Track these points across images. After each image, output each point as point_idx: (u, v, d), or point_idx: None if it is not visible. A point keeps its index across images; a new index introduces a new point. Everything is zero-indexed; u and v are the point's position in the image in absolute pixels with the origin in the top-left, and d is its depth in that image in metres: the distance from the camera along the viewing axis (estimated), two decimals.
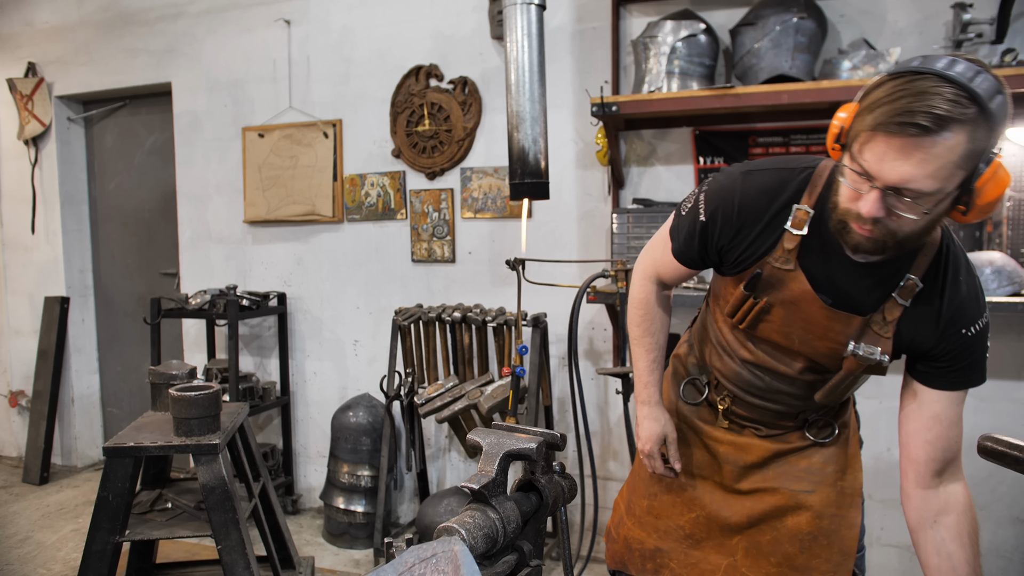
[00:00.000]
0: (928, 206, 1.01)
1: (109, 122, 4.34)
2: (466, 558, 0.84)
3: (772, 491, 1.43)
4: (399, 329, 3.20)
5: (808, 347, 1.29)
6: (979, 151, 0.99)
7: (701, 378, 1.54)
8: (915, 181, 0.98)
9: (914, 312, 1.20)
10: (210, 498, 2.03)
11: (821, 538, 1.39)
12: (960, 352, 1.20)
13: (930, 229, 1.08)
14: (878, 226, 1.06)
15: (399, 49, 3.40)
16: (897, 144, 0.97)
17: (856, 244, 1.11)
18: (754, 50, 2.55)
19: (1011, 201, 2.54)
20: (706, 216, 1.31)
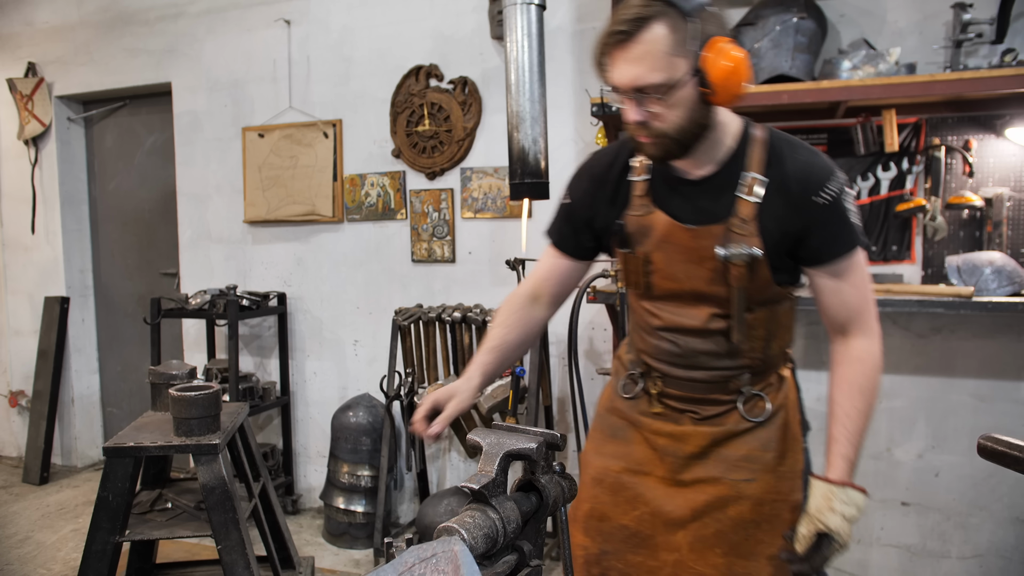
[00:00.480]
0: (664, 94, 1.16)
1: (109, 122, 4.34)
2: (466, 558, 0.84)
3: (713, 481, 1.43)
4: (399, 329, 3.20)
5: (695, 279, 1.34)
6: (685, 37, 1.13)
7: (636, 370, 1.53)
8: (642, 77, 1.15)
9: (769, 204, 1.27)
10: (210, 498, 2.03)
11: (764, 524, 1.40)
12: (823, 221, 1.26)
13: (696, 117, 1.21)
14: (648, 129, 1.21)
15: (399, 49, 3.40)
16: (617, 54, 1.16)
17: (649, 154, 1.26)
18: (754, 50, 2.55)
19: (1011, 201, 2.54)
20: (568, 197, 1.47)
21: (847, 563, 2.83)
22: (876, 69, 2.43)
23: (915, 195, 2.65)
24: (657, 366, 1.47)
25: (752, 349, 1.39)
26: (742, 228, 1.28)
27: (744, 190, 1.27)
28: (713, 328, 1.37)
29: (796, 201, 1.26)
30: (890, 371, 2.73)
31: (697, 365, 1.42)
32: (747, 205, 1.27)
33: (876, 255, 2.72)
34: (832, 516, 1.24)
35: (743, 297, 1.31)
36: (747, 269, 1.28)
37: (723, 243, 1.28)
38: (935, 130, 2.62)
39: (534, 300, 1.51)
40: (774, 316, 1.38)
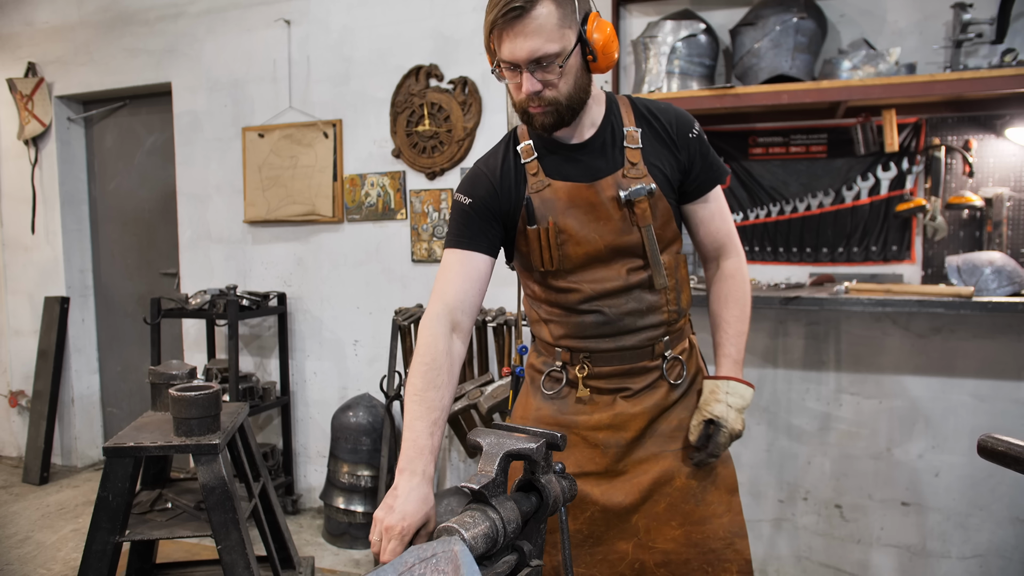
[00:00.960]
0: (560, 62, 1.29)
1: (109, 122, 4.34)
2: (466, 558, 0.84)
3: (654, 457, 1.49)
4: (399, 329, 3.20)
5: (606, 234, 1.42)
6: (569, 12, 1.29)
7: (556, 364, 1.53)
8: (540, 49, 1.27)
9: (649, 146, 1.43)
10: (210, 498, 2.03)
11: (708, 485, 1.49)
12: (700, 152, 1.45)
13: (581, 84, 1.35)
14: (542, 98, 1.32)
15: (399, 49, 3.40)
16: (512, 32, 1.27)
17: (541, 123, 1.36)
18: (754, 50, 2.55)
19: (1011, 201, 2.54)
20: (468, 198, 1.46)
21: (847, 563, 2.83)
22: (876, 69, 2.44)
23: (915, 195, 2.65)
24: (584, 345, 1.49)
25: (668, 301, 1.48)
26: (634, 172, 1.41)
27: (628, 141, 1.42)
28: (633, 282, 1.45)
29: (676, 139, 1.44)
30: (890, 371, 2.73)
31: (625, 329, 1.47)
32: (633, 152, 1.42)
33: (876, 255, 2.72)
34: (717, 405, 1.43)
35: (652, 236, 1.41)
36: (648, 205, 1.40)
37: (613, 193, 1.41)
38: (935, 130, 2.62)
39: (453, 331, 1.36)
40: (677, 264, 1.49)
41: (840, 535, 2.84)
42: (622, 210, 1.40)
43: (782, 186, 2.81)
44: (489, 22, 1.29)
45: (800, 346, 2.83)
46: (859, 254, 2.74)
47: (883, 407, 2.75)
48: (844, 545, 2.83)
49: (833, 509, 2.84)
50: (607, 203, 1.41)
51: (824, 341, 2.80)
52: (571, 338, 1.50)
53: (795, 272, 2.82)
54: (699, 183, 1.47)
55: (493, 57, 1.33)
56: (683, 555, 1.46)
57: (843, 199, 2.74)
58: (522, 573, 1.05)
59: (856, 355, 2.77)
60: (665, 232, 1.45)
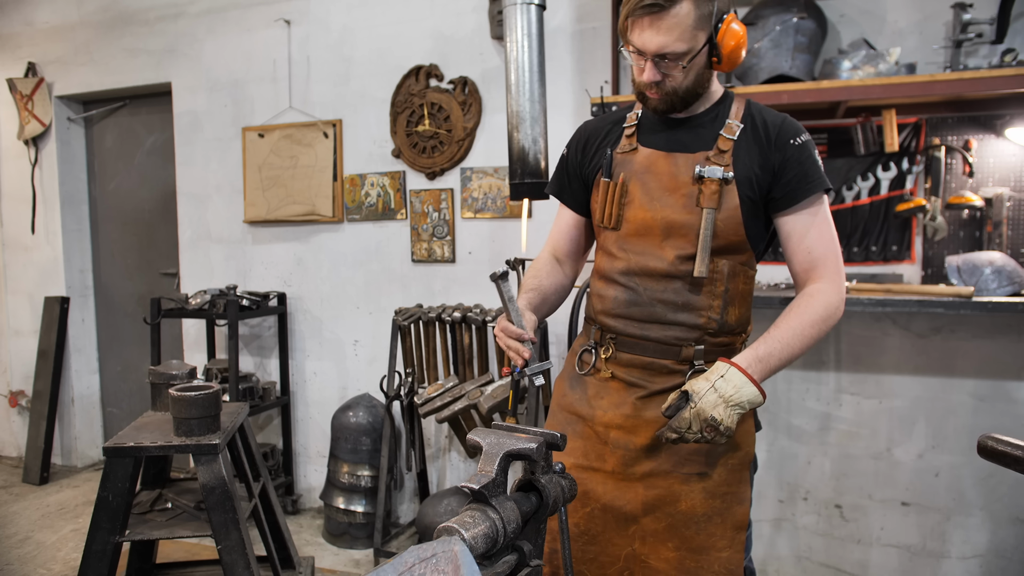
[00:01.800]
0: (686, 61, 1.33)
1: (109, 122, 4.34)
2: (466, 558, 0.84)
3: (664, 475, 1.44)
4: (399, 329, 3.20)
5: (668, 207, 1.43)
6: (707, 14, 1.32)
7: (590, 343, 1.57)
8: (669, 45, 1.31)
9: (744, 144, 1.42)
10: (210, 498, 2.03)
11: (715, 517, 1.42)
12: (797, 159, 1.40)
13: (700, 80, 1.39)
14: (660, 87, 1.38)
15: (399, 49, 3.40)
16: (647, 22, 1.31)
17: (654, 107, 1.43)
18: (754, 50, 2.55)
19: (1011, 201, 2.54)
20: (567, 149, 1.63)
21: (847, 563, 2.83)
22: (876, 69, 2.44)
23: (915, 195, 2.65)
24: (613, 324, 1.49)
25: (710, 307, 1.43)
26: (718, 158, 1.41)
27: (726, 130, 1.43)
28: (677, 272, 1.43)
29: (775, 142, 1.41)
30: (890, 371, 2.73)
31: (654, 317, 1.45)
32: (725, 140, 1.42)
33: (876, 255, 2.72)
34: (699, 382, 1.31)
35: (711, 220, 1.39)
36: (718, 190, 1.39)
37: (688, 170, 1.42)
38: (935, 130, 2.62)
39: (556, 261, 1.63)
40: (734, 274, 1.45)
41: (840, 535, 2.84)
42: (692, 187, 1.41)
43: None
44: (627, 8, 1.33)
45: None
46: (859, 254, 2.74)
47: (883, 407, 2.75)
48: (844, 545, 2.84)
49: (833, 509, 2.84)
50: (680, 176, 1.42)
51: (824, 341, 2.80)
52: (605, 314, 1.51)
53: None
54: (790, 189, 1.40)
55: (624, 36, 1.38)
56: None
57: (843, 199, 2.74)
58: (522, 573, 1.05)
59: (856, 355, 2.77)
60: (727, 230, 1.41)
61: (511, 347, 1.35)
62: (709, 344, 1.45)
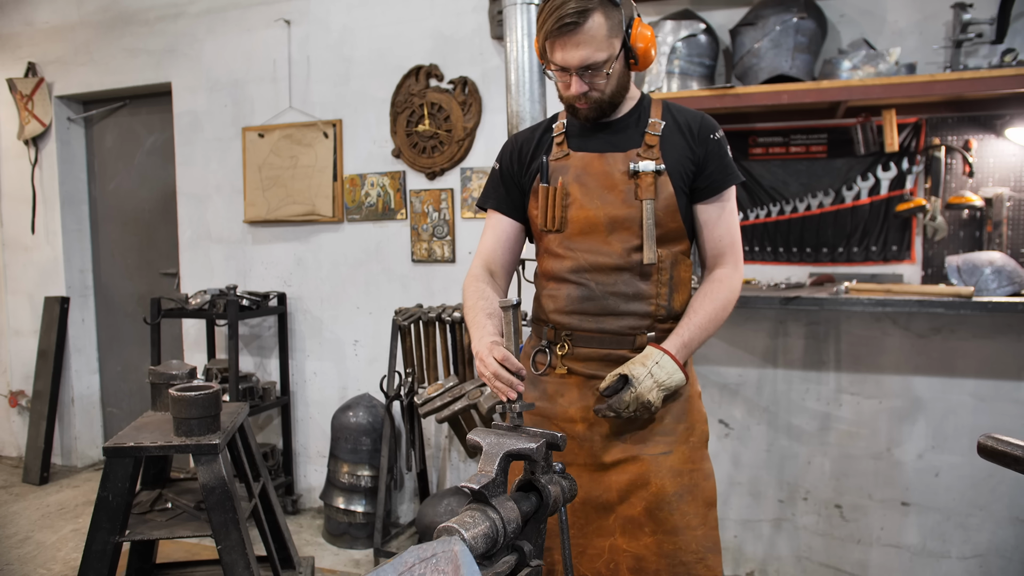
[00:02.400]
0: (607, 68, 1.43)
1: (109, 122, 4.34)
2: (466, 558, 0.84)
3: (633, 459, 1.50)
4: (399, 329, 3.20)
5: (609, 204, 1.50)
6: (617, 22, 1.41)
7: (542, 343, 1.60)
8: (590, 57, 1.41)
9: (669, 138, 1.52)
10: (210, 498, 2.03)
11: (686, 495, 1.48)
12: (717, 153, 1.52)
13: (622, 83, 1.50)
14: (588, 97, 1.47)
15: (399, 49, 3.40)
16: (566, 40, 1.40)
17: (586, 116, 1.53)
18: (754, 50, 2.55)
19: (1011, 201, 2.54)
20: (498, 163, 1.69)
21: (847, 563, 2.83)
22: (876, 69, 2.44)
23: (915, 195, 2.65)
24: (567, 322, 1.54)
25: (658, 295, 1.51)
26: (648, 153, 1.50)
27: (650, 128, 1.53)
28: (626, 264, 1.50)
29: (696, 137, 1.52)
30: (890, 371, 2.73)
31: (607, 310, 1.51)
32: (651, 137, 1.52)
33: (876, 255, 2.72)
34: (637, 367, 1.42)
35: (651, 210, 1.47)
36: (654, 182, 1.47)
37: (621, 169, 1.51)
38: (935, 130, 2.62)
39: (491, 276, 1.65)
40: (676, 262, 1.53)
41: (840, 535, 2.84)
42: (628, 183, 1.49)
43: (782, 186, 2.81)
44: (543, 32, 1.42)
45: (800, 346, 2.83)
46: (859, 254, 2.74)
47: (883, 407, 2.75)
48: (844, 545, 2.83)
49: (833, 509, 2.84)
50: (615, 174, 1.50)
51: (824, 341, 2.80)
52: (558, 312, 1.55)
53: (795, 272, 2.82)
54: (711, 181, 1.52)
55: (543, 56, 1.47)
56: (653, 564, 1.46)
57: (843, 199, 2.74)
58: (522, 573, 1.05)
59: (856, 355, 2.77)
60: (666, 219, 1.49)
61: (507, 380, 1.31)
62: (659, 330, 1.53)
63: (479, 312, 1.51)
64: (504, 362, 1.32)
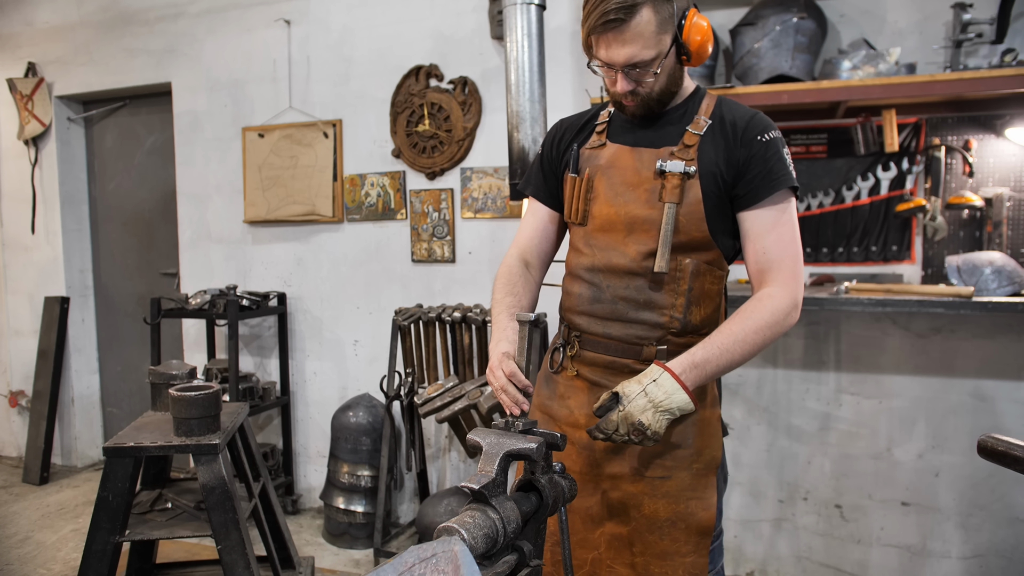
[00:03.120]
0: (656, 67, 1.33)
1: (109, 122, 4.34)
2: (466, 558, 0.84)
3: (628, 478, 1.42)
4: (399, 329, 3.20)
5: (631, 202, 1.42)
6: (668, 16, 1.30)
7: (559, 340, 1.57)
8: (637, 55, 1.30)
9: (711, 139, 1.40)
10: (210, 498, 2.03)
11: (679, 522, 1.40)
12: (763, 156, 1.36)
13: (673, 80, 1.39)
14: (635, 95, 1.38)
15: (399, 49, 3.40)
16: (610, 37, 1.30)
17: (632, 113, 1.43)
18: (754, 50, 2.55)
19: (1011, 201, 2.54)
20: (541, 148, 1.62)
21: (847, 563, 2.83)
22: (876, 69, 2.44)
23: (915, 195, 2.65)
24: (578, 322, 1.49)
25: (673, 306, 1.40)
26: (683, 153, 1.39)
27: (693, 125, 1.41)
28: (640, 269, 1.41)
29: (741, 137, 1.38)
30: (890, 371, 2.73)
31: (616, 315, 1.43)
32: (691, 136, 1.40)
33: (876, 255, 2.72)
34: (631, 384, 1.28)
35: (672, 215, 1.37)
36: (680, 185, 1.37)
37: (651, 164, 1.41)
38: (935, 130, 2.62)
39: (526, 266, 1.59)
40: (699, 273, 1.40)
41: (840, 535, 2.84)
42: (654, 182, 1.39)
43: None
44: (587, 27, 1.32)
45: (800, 346, 2.83)
46: (859, 254, 2.74)
47: (883, 407, 2.75)
48: (844, 545, 2.83)
49: (833, 509, 2.84)
50: (643, 171, 1.42)
51: (824, 341, 2.80)
52: (571, 311, 1.51)
53: None
54: (753, 186, 1.36)
55: (589, 52, 1.38)
56: None
57: (843, 199, 2.74)
58: (522, 573, 1.05)
59: (856, 355, 2.77)
60: (690, 226, 1.37)
61: (512, 396, 1.27)
62: (672, 344, 1.41)
63: (503, 310, 1.48)
64: (512, 378, 1.28)
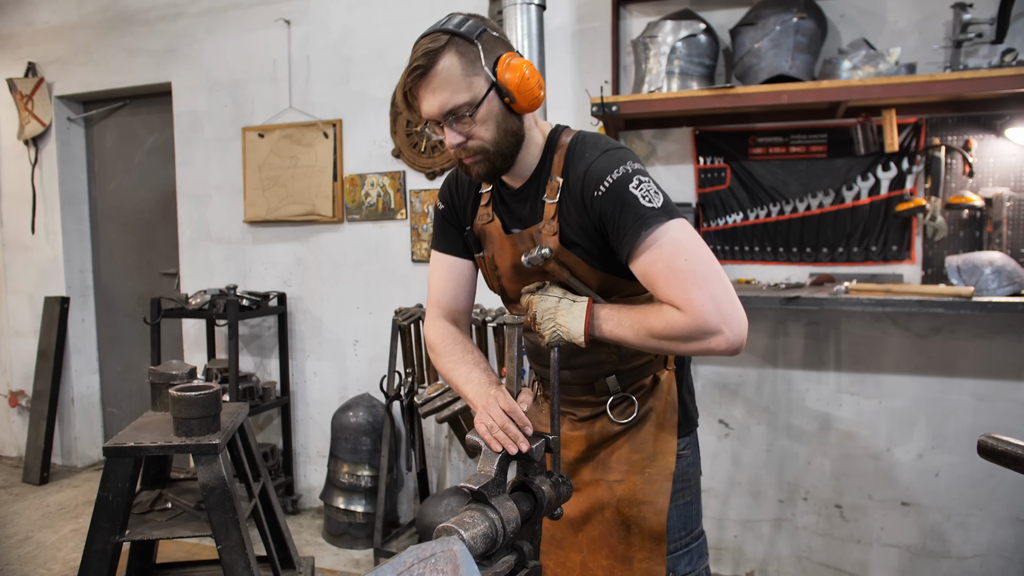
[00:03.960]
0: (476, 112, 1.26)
1: (109, 122, 4.34)
2: (465, 558, 0.84)
3: (595, 483, 1.47)
4: (399, 329, 3.20)
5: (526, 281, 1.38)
6: (473, 58, 1.25)
7: (533, 380, 1.62)
8: (448, 101, 1.25)
9: (564, 203, 1.32)
10: (210, 498, 2.03)
11: (633, 527, 1.42)
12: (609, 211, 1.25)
13: (507, 128, 1.30)
14: (467, 149, 1.29)
15: (399, 49, 3.40)
16: (422, 89, 1.27)
17: (477, 173, 1.33)
18: (754, 50, 2.55)
19: (1011, 201, 2.54)
20: (441, 203, 1.54)
21: (847, 563, 2.83)
22: (876, 69, 2.43)
23: (915, 195, 2.65)
24: (537, 369, 1.54)
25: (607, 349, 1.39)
26: (546, 229, 1.33)
27: (548, 193, 1.34)
28: None
29: (581, 200, 1.29)
30: (890, 371, 2.73)
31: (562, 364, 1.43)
32: (550, 207, 1.33)
33: (876, 255, 2.72)
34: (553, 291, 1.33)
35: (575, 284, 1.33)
36: (556, 264, 1.31)
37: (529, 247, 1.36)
38: (935, 130, 2.62)
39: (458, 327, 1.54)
40: None
41: (840, 535, 2.84)
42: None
43: (782, 186, 2.81)
44: (402, 88, 1.30)
45: (800, 346, 2.83)
46: (859, 254, 2.74)
47: (883, 407, 2.75)
48: (844, 545, 2.83)
49: (833, 509, 2.84)
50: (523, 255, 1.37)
51: (824, 341, 2.80)
52: (531, 360, 1.56)
53: (795, 272, 2.82)
54: (619, 242, 1.25)
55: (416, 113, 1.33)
56: None
57: (843, 199, 2.74)
58: (521, 573, 1.05)
59: (856, 355, 2.77)
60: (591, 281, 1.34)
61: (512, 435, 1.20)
62: (621, 370, 1.43)
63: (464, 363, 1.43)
64: (512, 414, 1.23)
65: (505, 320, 1.25)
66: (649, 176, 1.27)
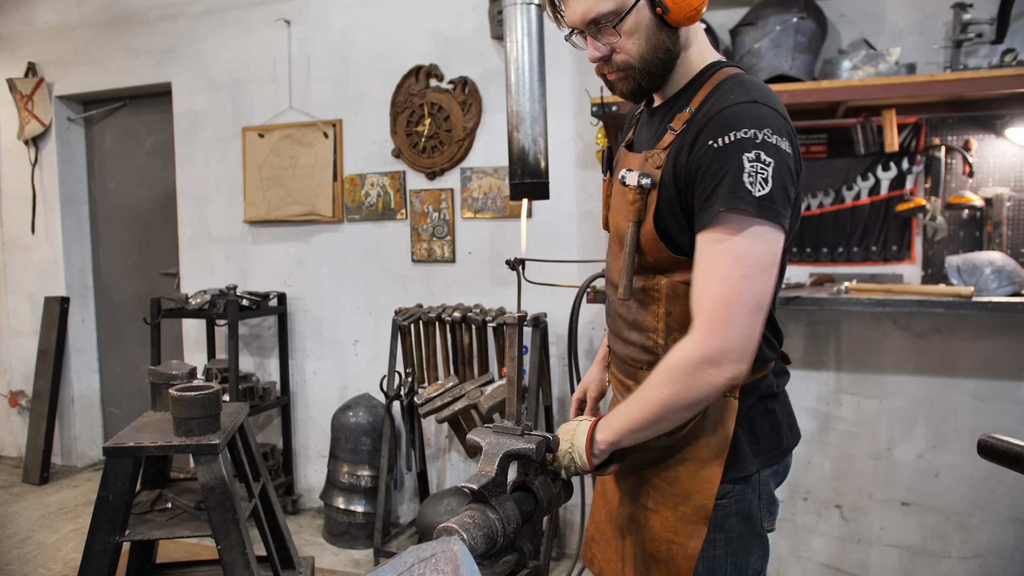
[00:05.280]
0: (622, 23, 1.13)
1: (109, 122, 4.34)
2: (466, 558, 0.84)
3: (631, 495, 1.34)
4: (399, 329, 3.20)
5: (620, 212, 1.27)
6: None
7: None
8: (592, 8, 1.13)
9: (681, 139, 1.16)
10: (210, 498, 2.03)
11: (661, 563, 1.27)
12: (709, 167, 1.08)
13: (657, 43, 1.16)
14: (612, 64, 1.19)
15: (399, 49, 3.40)
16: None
17: (621, 91, 1.22)
18: (754, 50, 2.55)
19: (1011, 201, 2.54)
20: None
21: (847, 563, 2.83)
22: (876, 69, 2.43)
23: (915, 195, 2.65)
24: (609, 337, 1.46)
25: (655, 330, 1.24)
26: (655, 159, 1.18)
27: (675, 122, 1.18)
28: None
29: (695, 140, 1.12)
30: (890, 371, 2.73)
31: (616, 332, 1.34)
32: (669, 135, 1.18)
33: (876, 255, 2.72)
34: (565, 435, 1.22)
35: (633, 234, 1.20)
36: (637, 200, 1.18)
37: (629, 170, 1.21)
38: (935, 130, 2.62)
39: None
40: (675, 295, 1.20)
41: (840, 535, 2.84)
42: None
43: None
44: None
45: (800, 346, 2.83)
46: (859, 254, 2.74)
47: (883, 407, 2.75)
48: (844, 545, 2.83)
49: (833, 509, 2.84)
50: None
51: (824, 341, 2.80)
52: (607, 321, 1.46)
53: (795, 272, 2.82)
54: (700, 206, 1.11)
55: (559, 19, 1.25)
56: None
57: (843, 199, 2.74)
58: (521, 573, 1.05)
59: (856, 355, 2.77)
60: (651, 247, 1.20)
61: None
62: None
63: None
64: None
65: (505, 320, 1.20)
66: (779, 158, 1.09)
